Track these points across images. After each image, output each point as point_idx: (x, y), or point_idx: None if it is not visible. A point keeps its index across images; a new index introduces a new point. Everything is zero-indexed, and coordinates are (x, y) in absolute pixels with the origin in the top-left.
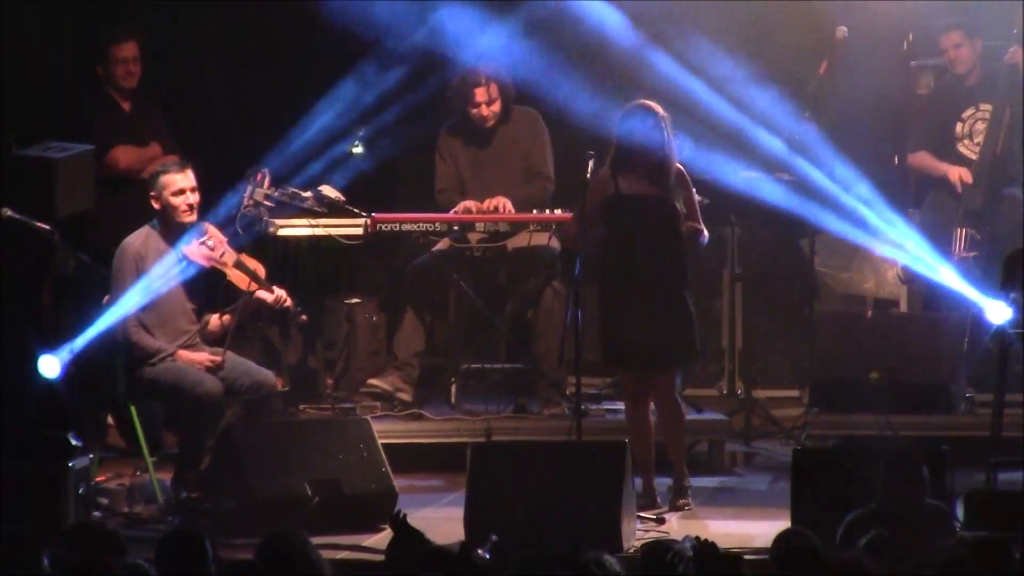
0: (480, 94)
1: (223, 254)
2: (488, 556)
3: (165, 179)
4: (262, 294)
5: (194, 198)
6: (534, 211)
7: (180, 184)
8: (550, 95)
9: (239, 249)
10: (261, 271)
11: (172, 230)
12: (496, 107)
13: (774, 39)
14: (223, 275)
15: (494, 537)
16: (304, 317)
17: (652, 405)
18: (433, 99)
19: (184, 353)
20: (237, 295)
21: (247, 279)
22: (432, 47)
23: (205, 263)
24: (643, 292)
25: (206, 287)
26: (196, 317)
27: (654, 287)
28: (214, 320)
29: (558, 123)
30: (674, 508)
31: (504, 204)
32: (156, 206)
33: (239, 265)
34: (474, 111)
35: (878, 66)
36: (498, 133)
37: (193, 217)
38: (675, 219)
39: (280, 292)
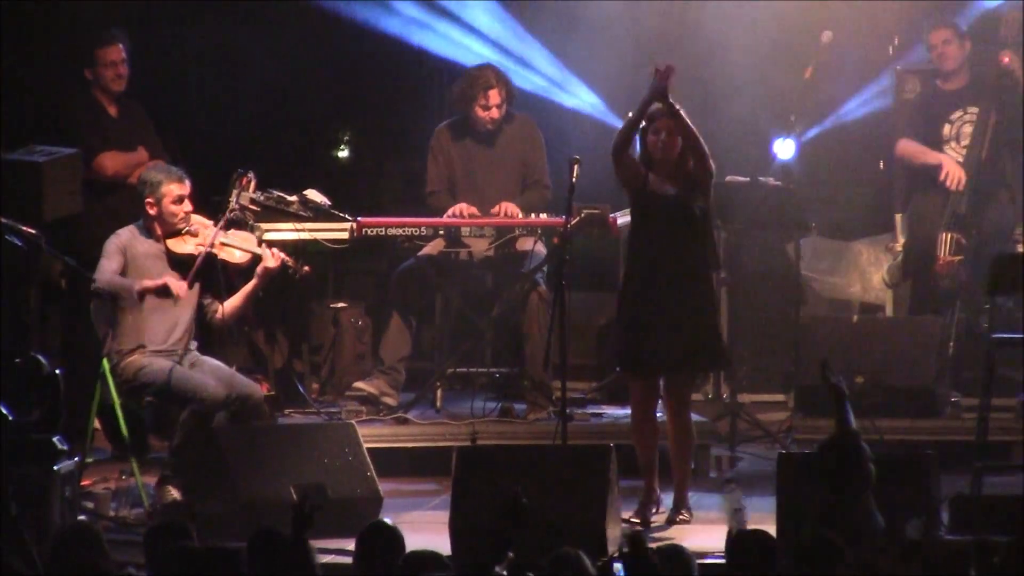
0: (493, 96)
1: (208, 237)
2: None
3: (166, 188)
4: (265, 254)
5: (189, 207)
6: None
7: (179, 192)
8: None
9: (224, 228)
10: (252, 240)
11: (161, 231)
12: (503, 110)
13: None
14: (215, 257)
15: (511, 554)
16: (307, 268)
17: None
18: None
19: (146, 282)
20: (234, 272)
21: (239, 251)
22: None
23: (193, 251)
24: (664, 297)
25: (203, 273)
26: (198, 305)
27: (675, 292)
28: (220, 309)
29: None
30: (672, 522)
31: (513, 210)
32: (152, 211)
33: (225, 241)
34: (484, 113)
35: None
36: (495, 136)
37: (187, 224)
38: (696, 223)
39: (277, 253)
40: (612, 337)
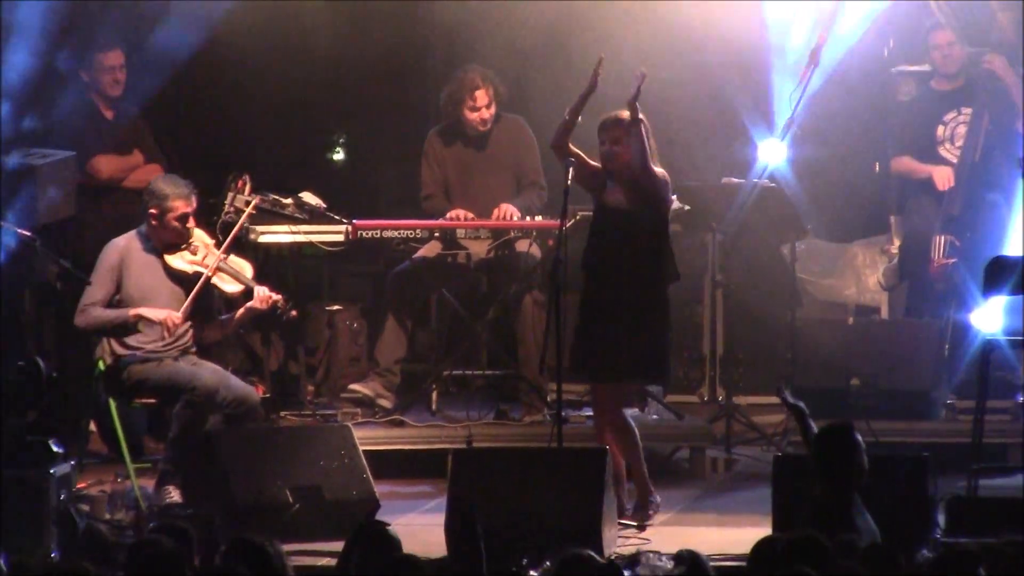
0: (481, 97)
1: (205, 257)
2: None
3: (174, 203)
4: (260, 291)
5: (191, 224)
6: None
7: (184, 210)
8: None
9: (226, 250)
10: (248, 270)
11: (160, 242)
12: (492, 111)
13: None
14: (209, 279)
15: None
16: (294, 313)
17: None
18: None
19: (144, 311)
20: (227, 298)
21: (233, 281)
22: None
23: (188, 268)
24: (606, 305)
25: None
26: (185, 320)
27: (617, 301)
28: (210, 328)
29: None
30: (641, 526)
31: (512, 211)
32: (153, 221)
33: (223, 268)
34: (473, 115)
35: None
36: (487, 139)
37: (187, 240)
38: (644, 236)
39: (264, 292)
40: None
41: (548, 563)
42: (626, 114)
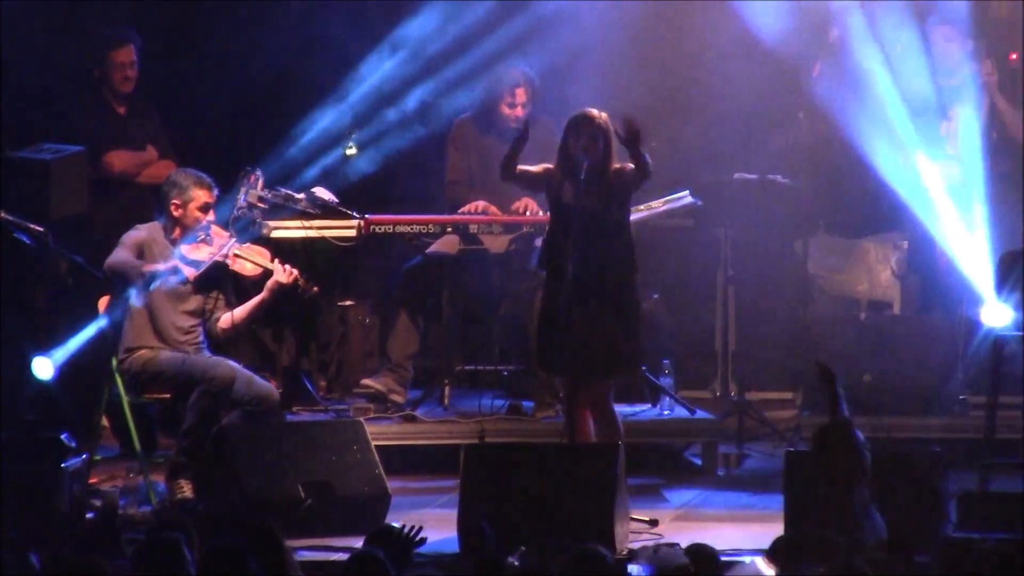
0: (520, 95)
1: (222, 247)
2: (518, 564)
3: (195, 193)
4: (277, 270)
5: (211, 216)
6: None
7: (205, 200)
8: None
9: (240, 241)
10: (265, 254)
11: (180, 234)
12: (527, 111)
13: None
14: (226, 267)
15: (523, 548)
16: (316, 288)
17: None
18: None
19: (157, 264)
20: (246, 285)
21: (251, 264)
22: None
23: (207, 259)
24: (576, 301)
25: (212, 283)
26: (200, 315)
27: (586, 297)
28: (225, 319)
29: None
30: None
31: (534, 207)
32: (176, 213)
33: (241, 255)
34: (509, 111)
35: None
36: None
37: (205, 232)
38: (612, 230)
39: (286, 267)
40: (536, 334)
41: (523, 548)
42: (596, 112)
